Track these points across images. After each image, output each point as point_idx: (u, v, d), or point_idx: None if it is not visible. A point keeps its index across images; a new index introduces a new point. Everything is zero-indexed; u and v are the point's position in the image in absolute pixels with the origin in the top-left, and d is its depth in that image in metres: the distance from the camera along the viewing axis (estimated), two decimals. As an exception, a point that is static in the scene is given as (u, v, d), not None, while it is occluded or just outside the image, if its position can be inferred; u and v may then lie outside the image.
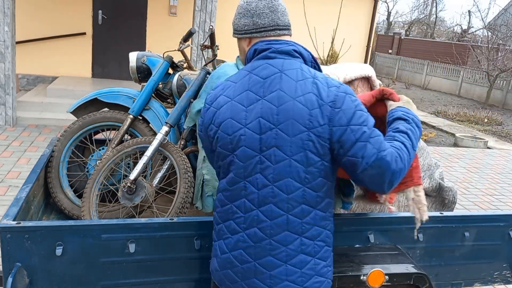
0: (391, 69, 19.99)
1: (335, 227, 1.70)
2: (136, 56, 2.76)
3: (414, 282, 2.05)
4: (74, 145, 2.68)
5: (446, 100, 14.56)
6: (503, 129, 10.70)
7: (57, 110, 7.02)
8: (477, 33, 26.89)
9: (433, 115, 11.43)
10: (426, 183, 2.58)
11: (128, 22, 8.77)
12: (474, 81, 15.57)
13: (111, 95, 2.71)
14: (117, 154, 2.46)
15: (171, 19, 8.95)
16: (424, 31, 31.69)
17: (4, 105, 6.39)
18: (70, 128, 2.65)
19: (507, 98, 14.20)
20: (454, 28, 31.86)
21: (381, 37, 24.41)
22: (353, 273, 1.98)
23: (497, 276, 2.47)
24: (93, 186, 2.41)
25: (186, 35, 2.67)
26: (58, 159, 2.62)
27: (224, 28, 9.05)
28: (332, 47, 7.71)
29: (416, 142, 1.58)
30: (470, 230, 2.33)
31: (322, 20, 9.05)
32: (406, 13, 46.38)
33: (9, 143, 5.72)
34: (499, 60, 14.43)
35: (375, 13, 10.51)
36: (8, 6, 6.10)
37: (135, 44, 8.76)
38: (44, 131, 6.35)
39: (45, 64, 8.48)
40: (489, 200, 5.58)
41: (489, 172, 6.82)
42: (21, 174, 4.75)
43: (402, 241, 2.23)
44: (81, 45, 8.58)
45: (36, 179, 2.23)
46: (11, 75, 6.36)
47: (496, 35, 17.03)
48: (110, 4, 8.60)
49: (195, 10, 6.85)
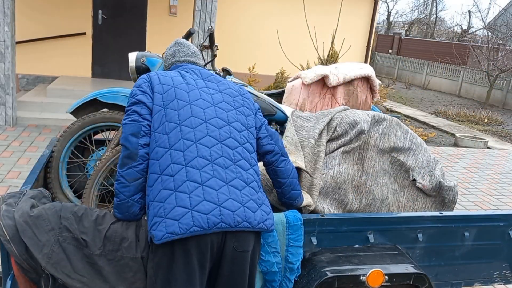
0: (391, 69, 19.98)
1: (334, 228, 1.71)
2: (136, 56, 2.76)
3: (413, 282, 2.05)
4: (73, 145, 2.68)
5: (446, 100, 14.55)
6: (503, 129, 10.70)
7: (57, 110, 7.02)
8: (477, 33, 26.89)
9: (433, 115, 11.43)
10: (426, 180, 2.58)
11: (128, 22, 8.76)
12: (474, 81, 15.57)
13: (111, 96, 2.71)
14: (117, 155, 2.45)
15: (171, 19, 8.95)
16: (424, 31, 31.67)
17: (4, 105, 6.38)
18: (69, 129, 2.65)
19: (507, 98, 14.19)
20: (454, 28, 31.87)
21: (381, 37, 24.40)
22: (352, 273, 1.98)
23: (497, 276, 2.47)
24: (93, 187, 2.41)
25: (186, 35, 2.67)
26: (57, 160, 2.62)
27: (225, 29, 9.06)
28: (332, 47, 7.70)
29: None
30: (470, 230, 2.33)
31: (322, 20, 9.05)
32: (406, 13, 46.29)
33: (9, 143, 5.72)
34: (499, 60, 14.42)
35: (375, 13, 10.51)
36: (8, 6, 6.10)
37: (135, 44, 8.76)
38: (44, 131, 6.35)
39: (45, 64, 8.47)
40: (489, 200, 5.58)
41: (489, 172, 6.81)
42: (21, 174, 4.75)
43: (401, 241, 2.23)
44: (81, 45, 8.57)
45: (35, 179, 2.23)
46: (11, 75, 6.36)
47: (496, 35, 17.02)
48: (110, 4, 8.60)
49: (195, 10, 6.85)
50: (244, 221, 1.70)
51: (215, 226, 1.65)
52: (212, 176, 1.74)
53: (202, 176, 1.73)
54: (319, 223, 2.09)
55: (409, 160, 2.57)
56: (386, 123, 2.55)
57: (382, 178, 2.52)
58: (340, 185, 2.38)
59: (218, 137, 1.84)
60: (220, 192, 1.71)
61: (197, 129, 1.83)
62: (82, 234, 1.73)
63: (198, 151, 1.77)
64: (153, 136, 1.83)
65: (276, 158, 2.05)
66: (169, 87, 1.92)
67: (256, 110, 2.07)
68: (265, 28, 9.57)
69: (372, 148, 2.49)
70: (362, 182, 2.46)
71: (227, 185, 1.75)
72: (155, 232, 1.64)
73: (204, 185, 1.71)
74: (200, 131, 1.83)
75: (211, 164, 1.77)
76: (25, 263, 1.65)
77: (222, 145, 1.83)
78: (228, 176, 1.77)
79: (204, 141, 1.81)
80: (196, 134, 1.81)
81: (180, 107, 1.86)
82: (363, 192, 2.47)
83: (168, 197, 1.69)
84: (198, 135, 1.81)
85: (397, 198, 2.58)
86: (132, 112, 1.88)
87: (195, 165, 1.74)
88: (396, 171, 2.59)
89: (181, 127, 1.82)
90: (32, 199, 1.82)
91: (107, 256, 1.74)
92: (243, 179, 1.80)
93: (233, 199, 1.72)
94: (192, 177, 1.72)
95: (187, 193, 1.68)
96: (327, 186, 2.36)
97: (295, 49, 8.74)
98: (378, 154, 2.52)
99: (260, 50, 9.52)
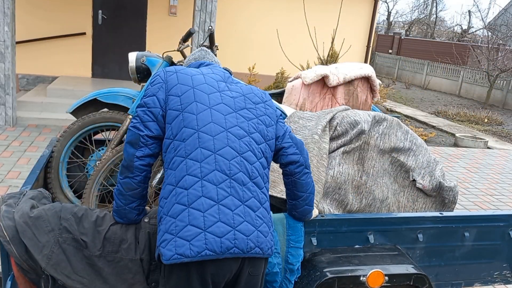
0: (391, 69, 19.98)
1: (334, 228, 1.70)
2: (136, 56, 2.75)
3: (414, 282, 2.04)
4: (73, 145, 2.68)
5: (446, 100, 14.55)
6: (503, 129, 10.69)
7: (57, 110, 7.02)
8: (477, 33, 26.89)
9: (433, 115, 11.43)
10: (426, 181, 2.58)
11: (128, 22, 8.76)
12: (474, 81, 15.56)
13: (111, 96, 2.70)
14: (117, 155, 2.45)
15: (171, 19, 8.94)
16: (424, 31, 31.67)
17: (4, 105, 6.38)
18: (69, 129, 2.65)
19: (507, 98, 14.19)
20: (454, 28, 31.87)
21: (381, 37, 24.40)
22: (352, 274, 1.98)
23: (497, 276, 2.46)
24: (93, 187, 2.41)
25: (186, 35, 2.67)
26: (57, 160, 2.61)
27: (224, 28, 9.06)
28: (332, 47, 7.70)
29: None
30: (470, 230, 2.33)
31: (322, 20, 9.04)
32: (406, 13, 46.29)
33: (9, 143, 5.72)
34: (499, 60, 14.42)
35: (375, 13, 10.50)
36: (8, 6, 6.10)
37: (135, 44, 8.75)
38: (44, 131, 6.35)
39: (45, 64, 8.47)
40: (489, 200, 5.58)
41: (489, 172, 6.81)
42: (21, 174, 4.74)
43: (402, 241, 2.23)
44: (81, 45, 8.57)
45: (35, 179, 2.23)
46: (11, 75, 6.36)
47: (496, 35, 17.02)
48: (110, 4, 8.60)
49: (195, 10, 6.85)
50: (256, 247, 1.59)
51: (228, 251, 1.54)
52: (229, 194, 1.61)
53: (218, 193, 1.60)
54: (319, 223, 2.09)
55: (409, 161, 2.57)
56: (387, 124, 2.55)
57: (382, 178, 2.52)
58: (340, 185, 2.38)
59: (238, 149, 1.69)
60: (235, 213, 1.59)
61: (216, 138, 1.67)
62: (82, 235, 1.73)
63: (217, 164, 1.63)
64: (172, 145, 1.68)
65: (299, 170, 1.88)
66: (187, 87, 1.75)
67: (278, 118, 1.89)
68: (265, 28, 9.56)
69: (372, 148, 2.49)
70: (362, 182, 2.46)
71: (243, 205, 1.62)
72: (163, 251, 1.54)
73: (220, 203, 1.58)
74: (220, 141, 1.67)
75: (229, 180, 1.63)
76: (24, 264, 1.65)
77: (242, 158, 1.68)
78: (245, 195, 1.64)
79: (223, 153, 1.66)
80: (215, 143, 1.66)
81: (199, 111, 1.70)
82: (363, 192, 2.47)
83: (180, 213, 1.57)
84: (217, 144, 1.66)
85: (397, 198, 2.58)
86: (136, 116, 1.76)
87: (212, 180, 1.61)
88: (396, 172, 2.59)
89: (199, 134, 1.66)
90: (32, 200, 1.82)
91: (107, 257, 1.74)
92: (258, 199, 1.67)
93: (248, 222, 1.60)
94: (208, 193, 1.59)
95: (202, 211, 1.56)
96: (327, 186, 2.36)
97: (295, 49, 8.73)
98: (379, 154, 2.52)
99: (260, 50, 9.52)
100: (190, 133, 1.66)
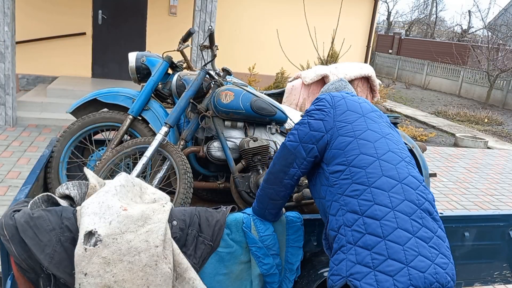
0: (391, 69, 19.98)
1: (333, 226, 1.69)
2: (136, 56, 2.76)
3: (414, 282, 2.04)
4: (73, 145, 2.68)
5: (446, 100, 14.55)
6: (503, 129, 10.70)
7: (57, 110, 7.02)
8: (477, 33, 26.89)
9: (433, 115, 11.43)
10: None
11: (128, 22, 8.76)
12: (474, 81, 15.57)
13: (111, 96, 2.70)
14: (117, 155, 2.45)
15: (171, 19, 8.95)
16: (424, 31, 31.68)
17: (4, 105, 6.38)
18: (69, 129, 2.65)
19: (507, 98, 14.19)
20: (454, 28, 31.86)
21: (381, 37, 24.40)
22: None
23: (497, 276, 2.46)
24: (93, 187, 2.41)
25: (186, 35, 2.67)
26: (57, 160, 2.61)
27: (224, 28, 9.06)
28: (332, 47, 7.70)
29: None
30: (470, 230, 2.33)
31: (322, 20, 9.05)
32: (406, 13, 46.40)
33: (9, 143, 5.72)
34: (499, 60, 14.42)
35: (375, 13, 10.51)
36: (8, 6, 6.10)
37: (135, 44, 8.76)
38: (44, 131, 6.35)
39: (45, 64, 8.47)
40: (489, 200, 5.58)
41: (489, 172, 6.81)
42: (21, 174, 4.74)
43: (402, 241, 2.23)
44: (81, 45, 8.57)
45: (35, 179, 2.23)
46: (11, 75, 6.36)
47: (496, 35, 17.03)
48: (110, 4, 8.60)
49: (195, 10, 6.85)
50: (451, 280, 1.53)
51: (430, 286, 1.47)
52: (422, 225, 1.55)
53: (412, 225, 1.53)
54: (319, 223, 2.09)
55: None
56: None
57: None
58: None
59: (418, 178, 1.67)
60: (430, 245, 1.52)
61: (398, 167, 1.65)
62: None
63: (405, 194, 1.58)
64: (348, 171, 1.65)
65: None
66: (358, 115, 1.76)
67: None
68: (265, 28, 9.57)
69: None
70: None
71: (435, 237, 1.56)
72: (361, 284, 1.46)
73: (416, 236, 1.52)
74: (402, 170, 1.65)
75: (419, 211, 1.57)
76: (23, 263, 1.65)
77: (423, 187, 1.66)
78: (434, 226, 1.58)
79: (408, 182, 1.62)
80: (399, 172, 1.63)
81: (375, 139, 1.70)
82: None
83: (376, 245, 1.50)
84: (401, 174, 1.63)
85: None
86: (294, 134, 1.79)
87: (403, 210, 1.55)
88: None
89: (380, 162, 1.64)
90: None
91: None
92: (442, 229, 1.63)
93: (443, 254, 1.54)
94: (403, 225, 1.52)
95: (401, 245, 1.48)
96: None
97: (295, 49, 8.74)
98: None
99: (260, 50, 9.53)
100: (370, 160, 1.64)
